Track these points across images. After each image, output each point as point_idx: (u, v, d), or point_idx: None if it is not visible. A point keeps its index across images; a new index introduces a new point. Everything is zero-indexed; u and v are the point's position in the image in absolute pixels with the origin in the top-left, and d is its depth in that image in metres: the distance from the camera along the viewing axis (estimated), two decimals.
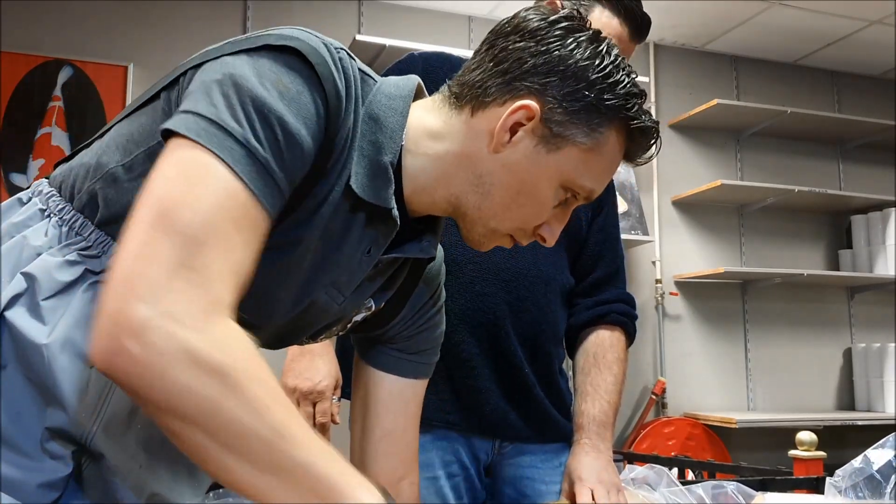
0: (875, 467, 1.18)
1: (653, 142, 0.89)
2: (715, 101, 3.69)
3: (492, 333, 1.43)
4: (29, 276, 0.75)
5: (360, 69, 0.85)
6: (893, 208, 3.93)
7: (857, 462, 1.21)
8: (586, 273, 1.54)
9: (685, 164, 3.95)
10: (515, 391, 1.45)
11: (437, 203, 0.89)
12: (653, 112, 3.90)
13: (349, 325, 0.99)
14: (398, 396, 1.05)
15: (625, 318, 1.52)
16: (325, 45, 0.79)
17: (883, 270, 3.91)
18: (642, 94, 0.87)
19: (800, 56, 4.13)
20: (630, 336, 1.54)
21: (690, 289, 3.86)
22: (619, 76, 0.84)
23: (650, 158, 0.92)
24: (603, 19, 1.46)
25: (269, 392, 0.66)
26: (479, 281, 1.43)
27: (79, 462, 0.76)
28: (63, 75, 3.09)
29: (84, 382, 0.75)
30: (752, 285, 3.94)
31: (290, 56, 0.77)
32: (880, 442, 1.21)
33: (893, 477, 1.16)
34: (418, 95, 0.91)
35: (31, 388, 0.74)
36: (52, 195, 0.82)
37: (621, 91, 0.84)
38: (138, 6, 3.21)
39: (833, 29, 3.78)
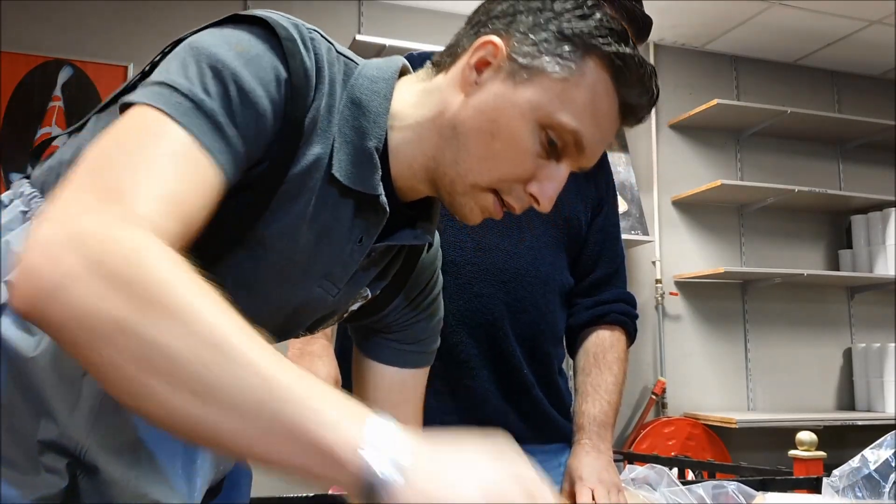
0: (872, 467, 1.18)
1: (643, 74, 0.81)
2: (715, 101, 3.69)
3: (490, 334, 1.43)
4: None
5: (339, 52, 0.83)
6: (893, 208, 3.93)
7: (854, 462, 1.20)
8: (586, 273, 1.54)
9: (685, 164, 3.95)
10: (514, 392, 1.45)
11: (417, 174, 0.84)
12: (652, 112, 3.89)
13: (345, 315, 0.97)
14: (400, 388, 1.03)
15: (625, 318, 1.52)
16: (296, 25, 0.77)
17: (883, 270, 3.91)
18: (623, 32, 0.81)
19: (800, 56, 4.13)
20: (630, 336, 1.54)
21: (690, 289, 3.86)
22: (590, 11, 0.81)
23: (649, 101, 0.85)
24: None
25: (196, 300, 0.56)
26: (478, 282, 1.43)
27: (73, 474, 0.73)
28: (63, 75, 3.09)
29: (75, 396, 0.72)
30: (752, 285, 3.94)
31: (255, 26, 0.75)
32: (877, 442, 1.21)
33: (892, 476, 1.16)
34: (403, 75, 0.88)
35: (23, 401, 0.72)
36: (34, 196, 0.79)
37: (593, 21, 0.80)
38: (138, 6, 3.21)
39: (833, 29, 3.78)
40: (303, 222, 0.79)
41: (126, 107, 0.69)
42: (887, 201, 3.94)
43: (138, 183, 0.62)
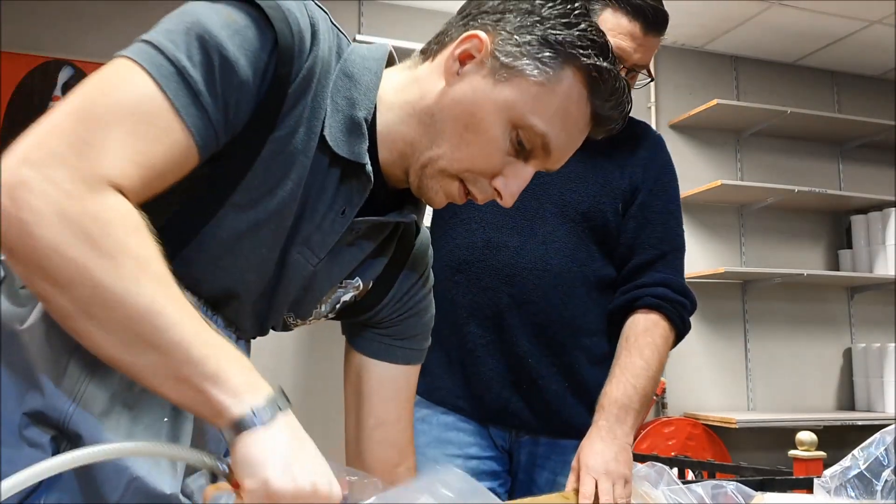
0: (862, 466, 1.18)
1: (616, 87, 0.85)
2: (715, 101, 3.69)
3: (497, 325, 1.48)
4: (7, 264, 0.76)
5: (334, 25, 0.87)
6: (893, 208, 3.93)
7: (845, 462, 1.20)
8: (625, 261, 1.53)
9: (685, 164, 3.95)
10: (519, 381, 1.48)
11: (396, 160, 0.88)
12: (652, 112, 3.90)
13: (337, 307, 0.98)
14: (390, 383, 1.05)
15: (660, 302, 1.46)
16: None
17: (883, 270, 3.91)
18: (604, 45, 0.85)
19: (800, 56, 4.13)
20: (673, 321, 1.47)
21: (691, 288, 3.86)
22: (576, 20, 0.84)
23: (620, 113, 0.87)
24: (612, 20, 1.47)
25: (140, 264, 0.65)
26: (485, 277, 1.49)
27: (57, 449, 0.76)
28: (63, 75, 3.10)
29: (62, 367, 0.75)
30: (752, 285, 3.94)
31: (243, 1, 0.78)
32: (867, 441, 1.20)
33: (884, 474, 1.16)
34: (391, 64, 0.93)
35: (10, 375, 0.74)
36: None
37: (577, 32, 0.83)
38: (138, 6, 3.21)
39: (833, 29, 3.78)
40: (289, 181, 0.81)
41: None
42: (887, 201, 3.94)
43: (110, 139, 0.67)
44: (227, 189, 0.79)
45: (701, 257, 3.90)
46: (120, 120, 0.68)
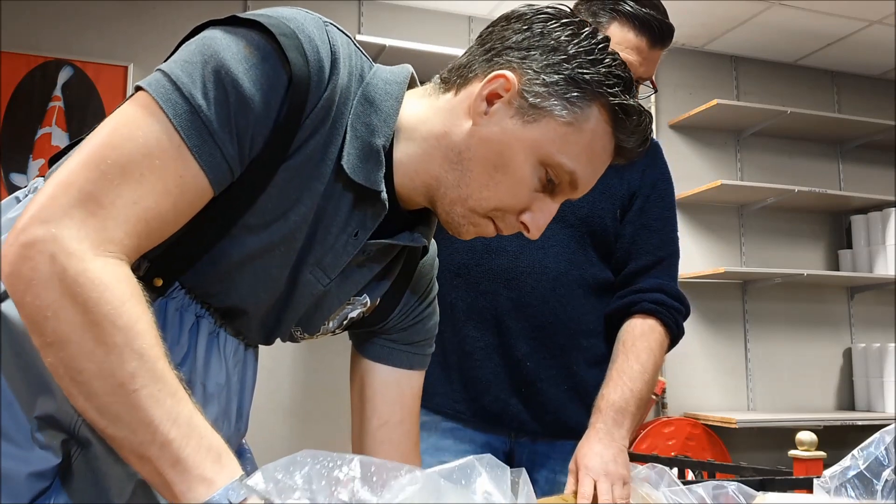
0: (862, 466, 1.17)
1: (641, 123, 0.86)
2: (715, 101, 3.69)
3: (495, 327, 1.48)
4: None
5: (357, 48, 0.87)
6: (893, 208, 3.93)
7: (845, 462, 1.19)
8: (622, 266, 1.54)
9: (685, 164, 3.95)
10: (518, 383, 1.48)
11: (418, 187, 0.88)
12: (653, 112, 3.90)
13: (345, 322, 0.99)
14: (393, 386, 1.06)
15: (657, 307, 1.47)
16: (313, 21, 0.81)
17: (883, 270, 3.91)
18: (628, 79, 0.85)
19: (800, 56, 4.13)
20: (669, 327, 1.49)
21: (690, 289, 3.86)
22: (601, 56, 0.84)
23: (642, 146, 0.88)
24: (619, 34, 1.48)
25: (127, 337, 0.66)
26: (484, 280, 1.49)
27: (68, 452, 0.77)
28: (63, 75, 3.09)
29: None
30: (752, 285, 3.94)
31: (258, 31, 0.78)
32: (867, 441, 1.20)
33: (884, 474, 1.16)
34: (411, 85, 0.92)
35: (23, 379, 0.75)
36: None
37: (603, 69, 0.84)
38: (138, 6, 3.21)
39: (833, 29, 3.78)
40: (302, 205, 0.81)
41: (138, 89, 0.75)
42: (887, 201, 3.94)
43: (120, 197, 0.69)
44: (239, 211, 0.80)
45: (701, 257, 3.90)
46: (131, 174, 0.70)
